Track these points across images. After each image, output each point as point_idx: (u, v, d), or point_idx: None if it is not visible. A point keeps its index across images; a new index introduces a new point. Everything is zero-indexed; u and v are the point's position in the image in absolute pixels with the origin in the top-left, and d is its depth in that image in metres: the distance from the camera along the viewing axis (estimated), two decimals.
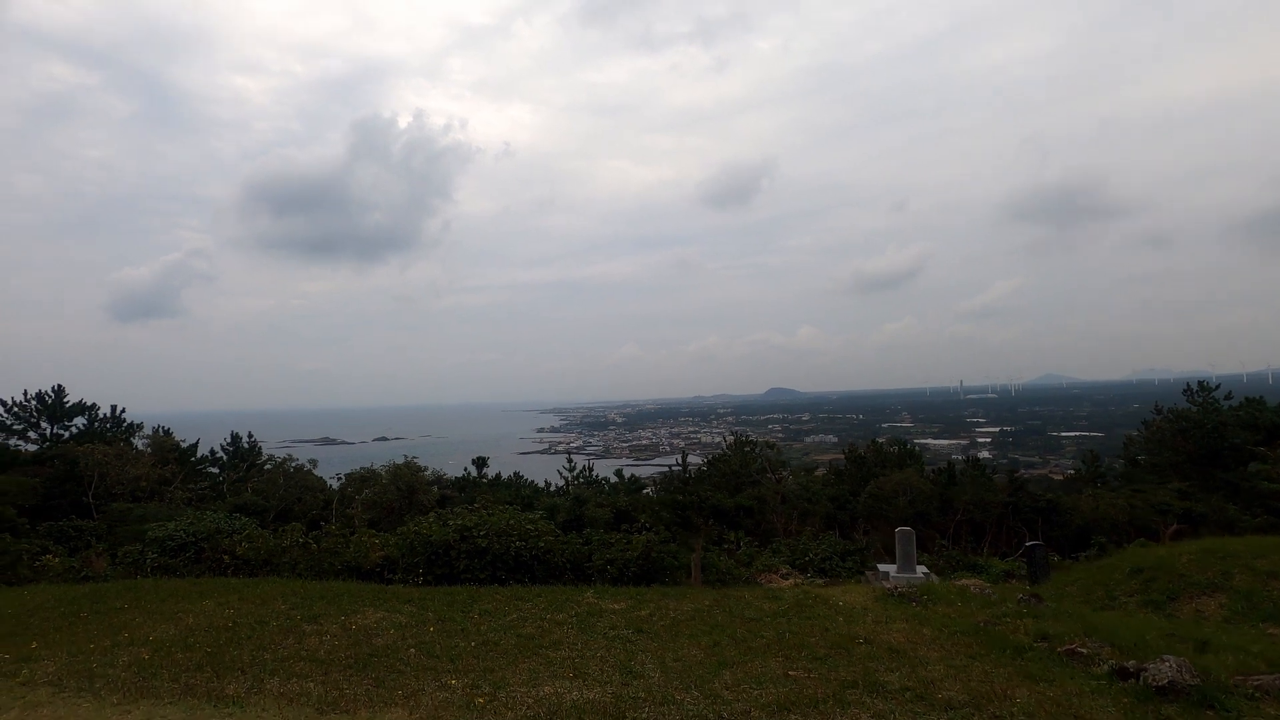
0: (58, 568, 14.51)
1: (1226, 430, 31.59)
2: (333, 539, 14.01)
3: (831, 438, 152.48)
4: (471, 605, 8.40)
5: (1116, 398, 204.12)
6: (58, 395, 26.84)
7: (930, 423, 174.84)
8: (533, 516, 14.48)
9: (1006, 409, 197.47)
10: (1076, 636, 5.48)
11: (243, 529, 14.92)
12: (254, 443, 34.24)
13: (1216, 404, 34.89)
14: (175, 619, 8.30)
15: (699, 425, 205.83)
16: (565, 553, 13.95)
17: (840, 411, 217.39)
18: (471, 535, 13.14)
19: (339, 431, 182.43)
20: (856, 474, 35.82)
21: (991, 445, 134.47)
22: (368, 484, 26.58)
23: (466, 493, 27.78)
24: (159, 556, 13.94)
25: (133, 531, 18.75)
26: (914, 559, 10.92)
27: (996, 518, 25.75)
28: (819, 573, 16.27)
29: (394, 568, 13.38)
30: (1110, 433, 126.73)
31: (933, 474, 32.60)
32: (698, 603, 8.27)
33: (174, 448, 27.66)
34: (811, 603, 8.04)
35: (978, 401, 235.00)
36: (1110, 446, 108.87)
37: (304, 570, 13.26)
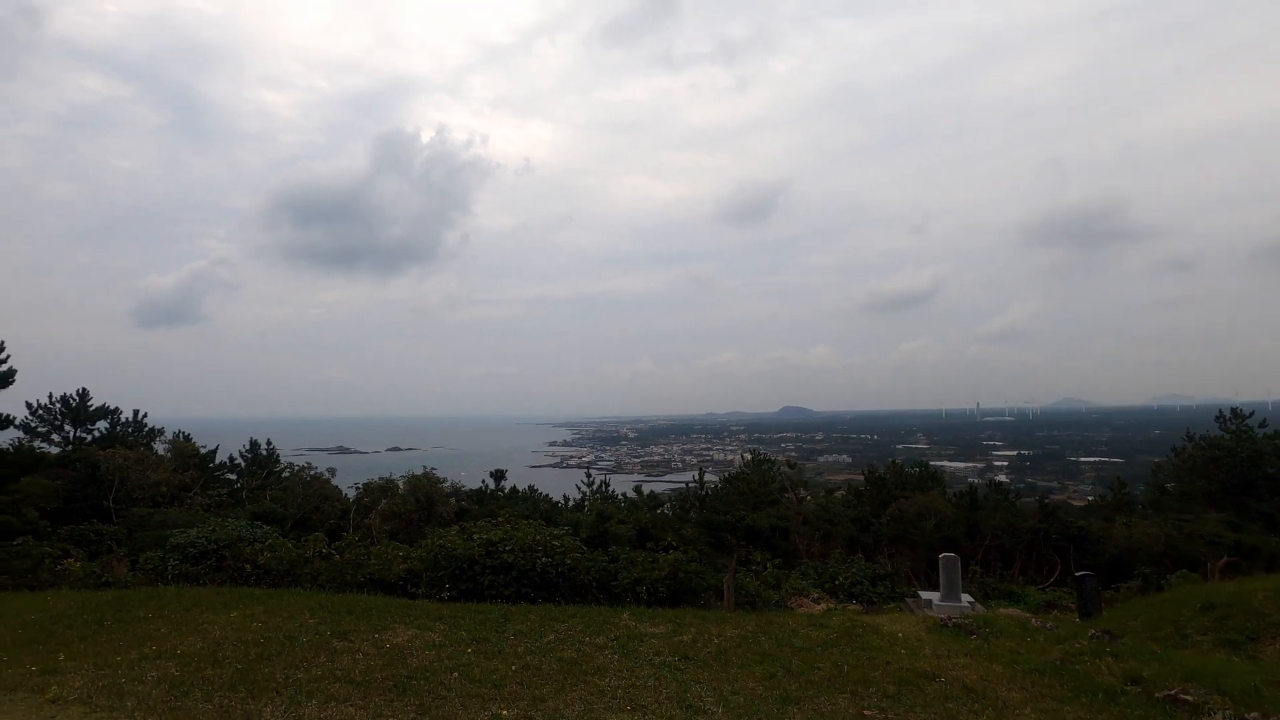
0: (79, 572, 14.37)
1: (1263, 459, 30.72)
2: (355, 550, 13.77)
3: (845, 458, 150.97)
4: (505, 625, 8.08)
5: (1137, 423, 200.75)
6: (82, 399, 26.98)
7: (946, 445, 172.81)
8: (558, 532, 14.18)
9: (1024, 432, 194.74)
10: (1174, 681, 5.06)
11: (264, 538, 14.72)
12: (272, 450, 34.22)
13: (1250, 432, 33.99)
14: (201, 631, 8.06)
15: (712, 442, 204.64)
16: (591, 570, 13.62)
17: (854, 431, 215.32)
18: (497, 550, 12.85)
19: (353, 441, 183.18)
20: (876, 495, 35.14)
21: (1009, 469, 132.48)
22: (385, 494, 26.40)
23: (484, 505, 27.50)
24: (181, 564, 13.76)
25: (153, 537, 18.63)
26: (959, 587, 10.49)
27: (1026, 544, 25.07)
28: (849, 597, 15.81)
29: (417, 581, 13.11)
30: (1131, 459, 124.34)
31: (954, 497, 31.91)
32: (740, 628, 7.91)
33: (194, 453, 27.65)
34: (861, 632, 7.66)
35: (995, 424, 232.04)
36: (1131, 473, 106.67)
37: (326, 581, 13.03)
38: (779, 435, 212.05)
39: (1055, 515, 25.74)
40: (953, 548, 26.18)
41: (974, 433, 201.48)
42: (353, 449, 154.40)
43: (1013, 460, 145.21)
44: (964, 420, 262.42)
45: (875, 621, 8.39)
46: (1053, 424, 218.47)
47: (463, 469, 27.65)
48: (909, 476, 36.51)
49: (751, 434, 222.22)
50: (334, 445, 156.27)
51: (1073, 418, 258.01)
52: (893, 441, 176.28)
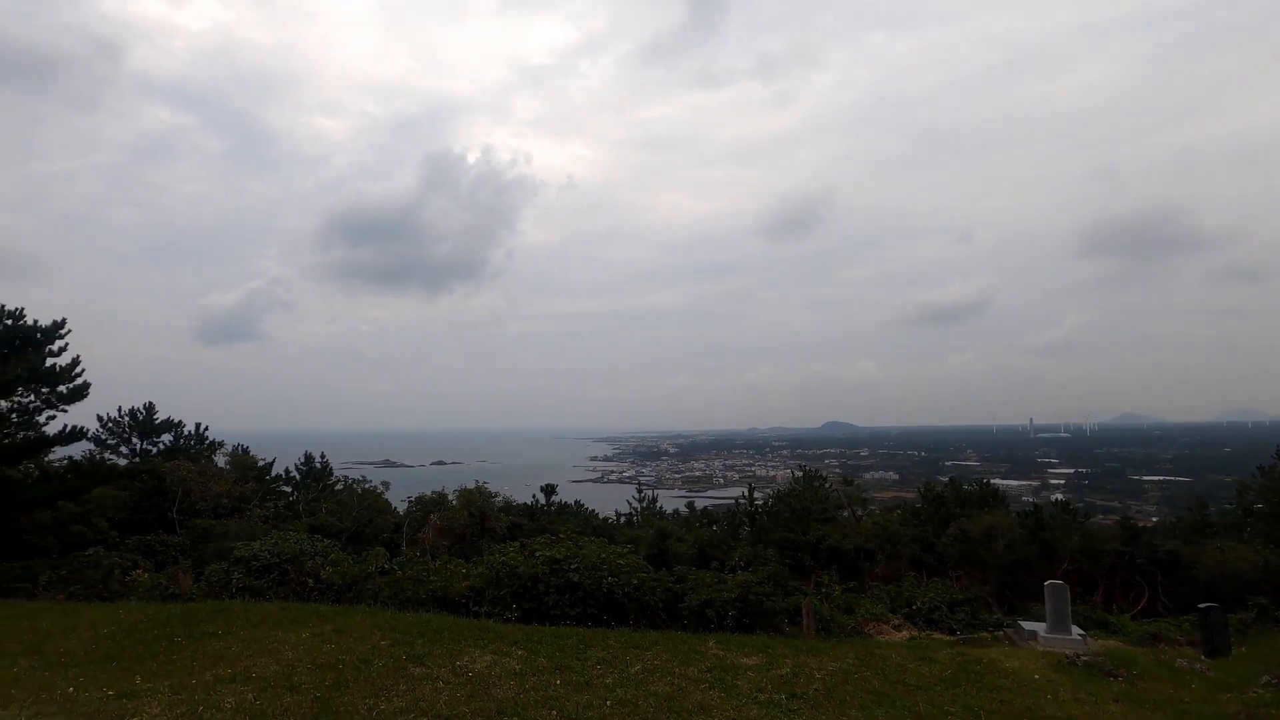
0: (146, 584, 14.43)
1: None
2: (416, 567, 13.50)
3: (892, 474, 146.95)
4: (585, 651, 7.59)
5: (1205, 440, 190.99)
6: (148, 412, 27.70)
7: (998, 462, 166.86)
8: (621, 550, 13.66)
9: (1081, 449, 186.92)
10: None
11: (325, 552, 14.59)
12: (325, 463, 34.64)
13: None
14: (273, 652, 7.77)
15: (753, 458, 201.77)
16: (657, 591, 13.06)
17: (900, 448, 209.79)
18: (562, 569, 12.41)
19: (399, 454, 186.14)
20: (935, 514, 33.61)
21: (1065, 487, 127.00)
22: (437, 508, 26.29)
23: (535, 520, 27.18)
24: (244, 577, 13.69)
25: (215, 549, 18.79)
26: (1069, 618, 9.59)
27: (1108, 569, 23.50)
28: (928, 624, 14.85)
29: (480, 599, 12.74)
30: (1199, 478, 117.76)
31: (1017, 517, 30.34)
32: (839, 660, 7.25)
33: (253, 466, 28.09)
34: (979, 669, 6.93)
35: (1049, 440, 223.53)
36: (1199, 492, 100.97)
37: (388, 598, 12.76)
38: (822, 451, 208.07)
39: (1140, 538, 24.11)
40: (1026, 570, 24.78)
41: (1027, 449, 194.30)
42: (398, 463, 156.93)
43: (1069, 478, 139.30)
44: (1016, 436, 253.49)
45: (987, 656, 7.64)
46: (1112, 440, 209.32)
47: (505, 483, 27.49)
48: (968, 494, 34.89)
49: (794, 450, 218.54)
50: (380, 459, 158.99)
51: (1134, 434, 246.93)
52: (941, 458, 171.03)
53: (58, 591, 14.70)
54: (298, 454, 35.21)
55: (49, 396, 17.65)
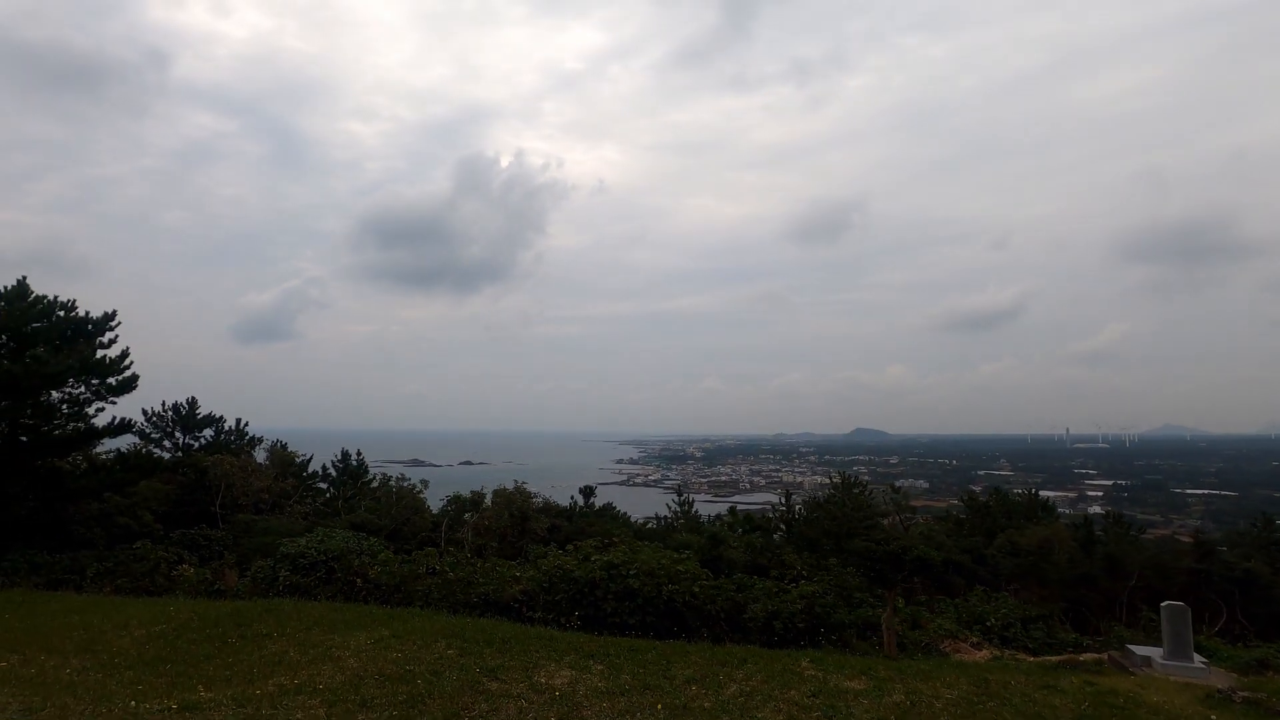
0: (192, 579, 14.17)
1: None
2: (467, 568, 13.00)
3: (923, 483, 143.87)
4: (668, 668, 6.95)
5: (1252, 453, 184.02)
6: (191, 407, 27.81)
7: (1033, 472, 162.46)
8: (678, 556, 13.03)
9: (1120, 460, 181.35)
10: None
11: (372, 550, 14.19)
12: (361, 460, 34.53)
13: None
14: (333, 658, 7.27)
15: (781, 464, 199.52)
16: (718, 600, 12.41)
17: (931, 455, 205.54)
18: (620, 574, 11.81)
19: (428, 454, 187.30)
20: (981, 524, 32.35)
21: (1104, 499, 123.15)
22: (474, 508, 25.90)
23: (574, 522, 26.65)
24: (291, 574, 13.32)
25: (257, 544, 18.57)
26: (1190, 644, 8.69)
27: (1181, 587, 22.19)
28: (1002, 642, 13.94)
29: (533, 604, 12.19)
30: (1246, 492, 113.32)
31: (1068, 530, 29.01)
32: (953, 687, 6.51)
33: (292, 462, 28.02)
34: (1120, 704, 6.16)
35: (1087, 451, 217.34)
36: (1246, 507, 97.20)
37: (437, 600, 12.28)
38: (851, 458, 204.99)
39: (1215, 555, 22.77)
40: (1088, 586, 23.55)
41: (1063, 459, 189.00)
42: (427, 462, 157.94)
43: (1108, 490, 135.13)
44: (1052, 446, 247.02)
45: (1118, 686, 6.83)
46: (1153, 452, 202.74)
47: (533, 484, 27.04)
48: (1015, 504, 33.60)
49: (821, 456, 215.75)
50: (409, 458, 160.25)
51: (1176, 445, 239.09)
52: (973, 467, 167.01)
53: (105, 584, 14.52)
54: (330, 451, 35.18)
55: (99, 388, 17.59)
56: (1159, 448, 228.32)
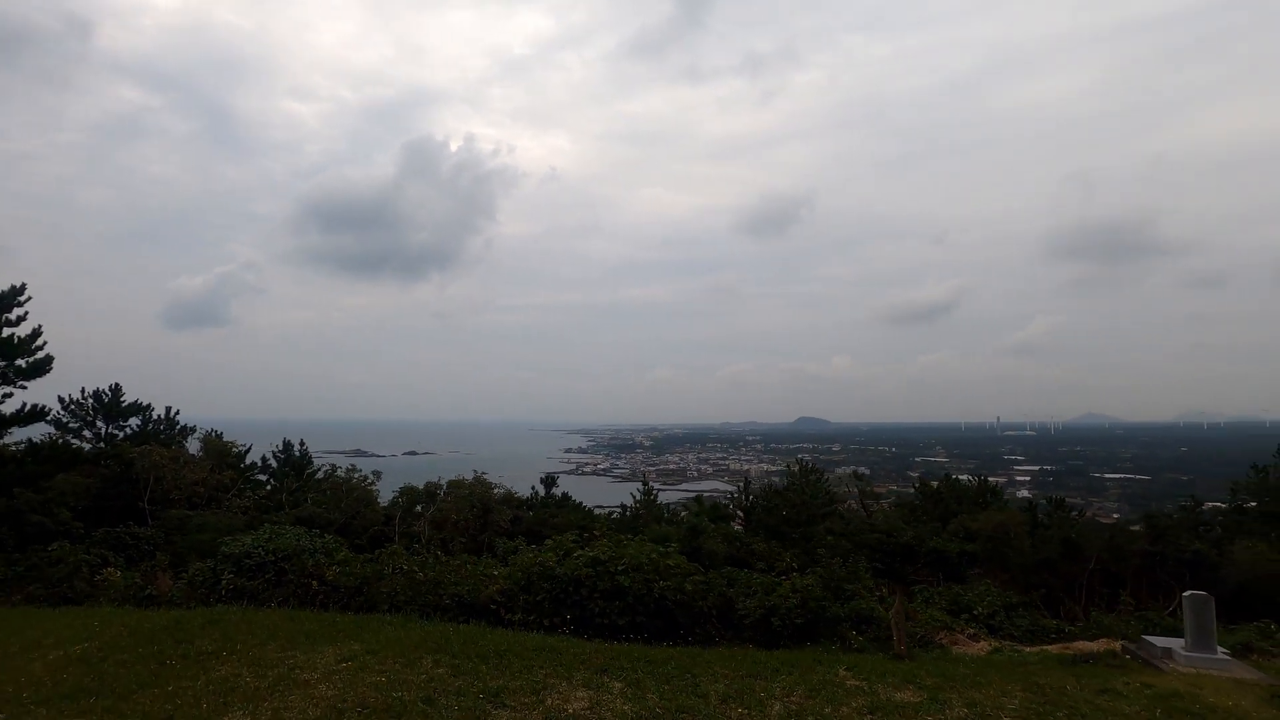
0: (119, 585, 12.60)
1: None
2: (439, 567, 11.87)
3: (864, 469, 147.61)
4: (694, 682, 6.13)
5: (1163, 440, 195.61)
6: (114, 394, 25.40)
7: (966, 458, 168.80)
8: (665, 550, 12.23)
9: (1046, 447, 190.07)
10: None
11: (329, 549, 12.89)
12: (305, 451, 32.55)
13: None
14: (299, 683, 6.18)
15: (728, 452, 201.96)
16: (709, 597, 11.69)
17: (871, 443, 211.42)
18: (607, 571, 10.93)
19: (370, 444, 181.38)
20: (934, 510, 32.77)
21: (1031, 484, 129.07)
22: (430, 500, 24.53)
23: (537, 513, 25.59)
24: (235, 577, 11.95)
25: (193, 542, 16.90)
26: (1213, 635, 8.40)
27: (1135, 569, 22.75)
28: (990, 630, 13.71)
29: (512, 605, 11.20)
30: (1157, 476, 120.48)
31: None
32: (1010, 696, 5.95)
33: (229, 453, 25.98)
34: (1184, 707, 5.67)
35: (1015, 439, 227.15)
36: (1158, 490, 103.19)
37: (404, 603, 11.16)
38: (795, 446, 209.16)
39: (1167, 536, 23.39)
40: (1051, 571, 23.95)
41: (994, 447, 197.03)
42: (370, 452, 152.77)
43: (1035, 475, 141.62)
44: (984, 434, 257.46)
45: (1173, 687, 6.38)
46: (1075, 439, 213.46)
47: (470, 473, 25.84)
48: (965, 490, 34.17)
49: (767, 444, 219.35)
50: (351, 448, 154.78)
51: (1096, 433, 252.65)
52: (911, 454, 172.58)
53: (13, 592, 12.80)
54: (269, 441, 33.01)
55: (5, 370, 15.58)
56: (1081, 435, 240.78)
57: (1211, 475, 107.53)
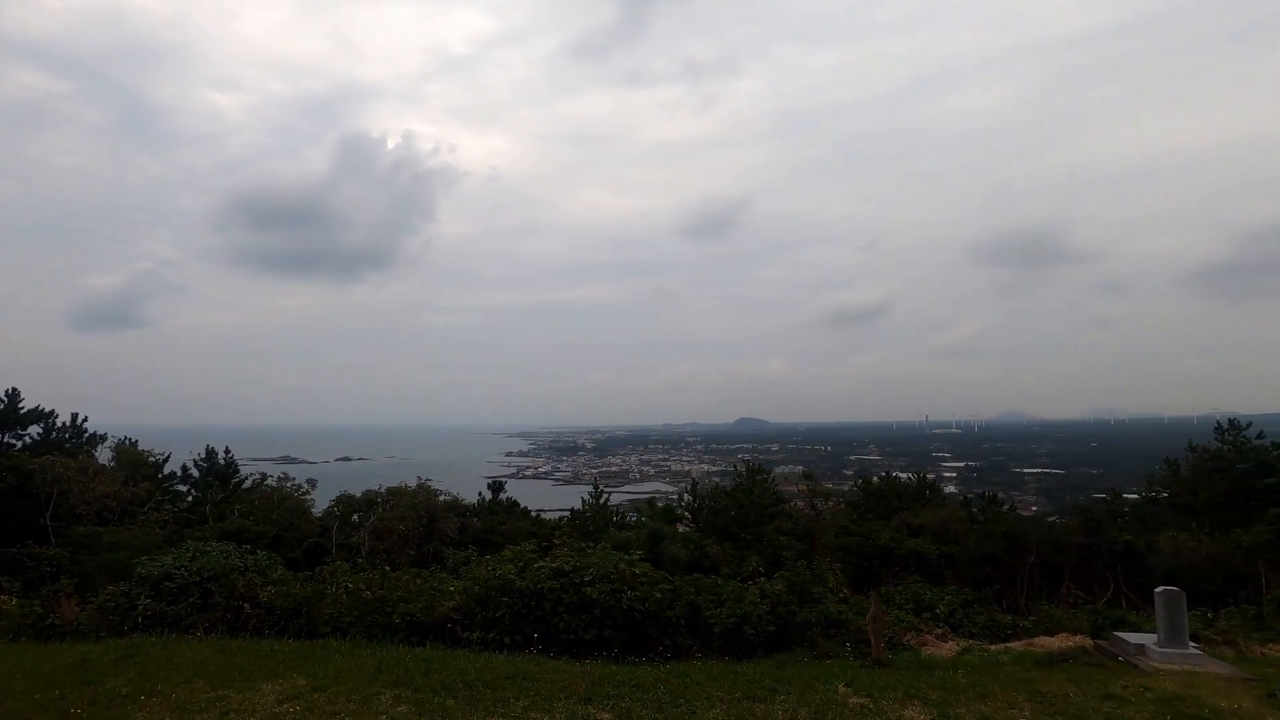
0: (14, 614, 11.14)
1: (1275, 470, 30.23)
2: (386, 583, 10.95)
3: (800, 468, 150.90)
4: (692, 710, 5.64)
5: (1075, 436, 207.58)
6: (11, 399, 22.98)
7: (897, 456, 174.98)
8: (630, 558, 11.66)
9: (970, 444, 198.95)
10: None
11: (262, 567, 11.76)
12: (231, 459, 30.45)
13: (1249, 444, 33.59)
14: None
15: (669, 453, 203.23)
16: (677, 606, 11.19)
17: (808, 442, 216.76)
18: (573, 583, 10.28)
19: (300, 450, 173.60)
20: (876, 508, 33.36)
21: (957, 480, 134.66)
22: (369, 509, 23.20)
23: (484, 520, 24.60)
24: (153, 602, 10.71)
25: (104, 563, 15.29)
26: (1185, 630, 8.47)
27: (1074, 561, 23.57)
28: (951, 628, 13.71)
29: (469, 623, 10.41)
30: (1070, 470, 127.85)
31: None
32: (1016, 707, 5.68)
33: (145, 463, 23.90)
34: (1191, 713, 5.50)
35: (942, 436, 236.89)
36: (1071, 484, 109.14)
37: (350, 624, 10.22)
38: (735, 446, 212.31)
39: (1100, 529, 24.34)
40: (994, 565, 24.57)
41: (923, 444, 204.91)
42: (299, 459, 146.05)
43: (961, 471, 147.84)
44: (913, 432, 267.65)
45: (1167, 688, 6.25)
46: (997, 436, 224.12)
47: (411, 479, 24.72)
48: (905, 487, 34.97)
49: (708, 445, 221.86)
50: (279, 455, 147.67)
51: (1015, 430, 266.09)
52: (846, 453, 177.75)
53: None
54: (189, 449, 30.76)
55: None
56: (1001, 432, 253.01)
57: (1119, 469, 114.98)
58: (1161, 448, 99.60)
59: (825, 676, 6.51)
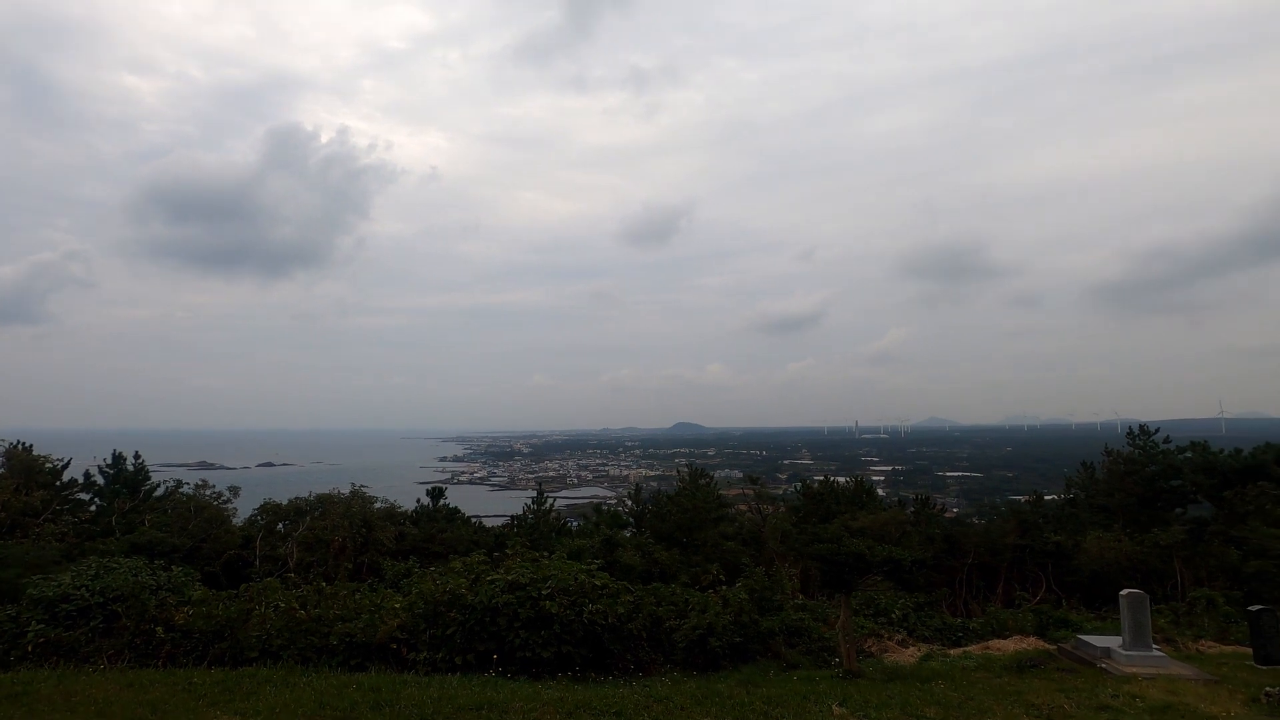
0: None
1: (1182, 473, 32.10)
2: (325, 600, 9.98)
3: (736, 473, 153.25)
4: None
5: (992, 441, 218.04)
6: None
7: (828, 460, 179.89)
8: (589, 567, 11.05)
9: (897, 449, 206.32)
10: None
11: (178, 584, 10.56)
12: (141, 465, 28.04)
13: (1157, 448, 35.62)
14: None
15: (607, 458, 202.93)
16: (638, 618, 10.65)
17: (744, 447, 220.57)
18: (530, 596, 9.59)
19: (220, 455, 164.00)
20: (816, 511, 33.77)
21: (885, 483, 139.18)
22: (298, 518, 21.69)
23: (423, 527, 23.39)
24: (48, 627, 9.43)
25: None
26: (1149, 632, 8.52)
27: (1008, 562, 24.33)
28: (907, 633, 13.69)
29: (416, 642, 9.58)
30: (988, 473, 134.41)
31: None
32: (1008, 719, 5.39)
33: (41, 469, 21.61)
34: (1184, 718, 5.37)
35: (871, 441, 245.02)
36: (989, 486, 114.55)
37: (281, 647, 9.24)
38: (673, 451, 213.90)
39: (1033, 530, 25.21)
40: (934, 567, 25.10)
41: (853, 449, 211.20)
42: (217, 464, 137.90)
43: (888, 475, 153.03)
44: (844, 437, 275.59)
45: (1156, 697, 6.16)
46: (921, 441, 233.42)
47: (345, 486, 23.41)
48: (843, 491, 35.56)
49: (646, 450, 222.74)
50: (195, 460, 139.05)
51: (939, 435, 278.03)
52: (780, 457, 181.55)
53: None
54: (93, 454, 28.18)
55: None
56: (926, 437, 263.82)
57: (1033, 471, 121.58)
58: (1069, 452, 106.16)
59: (814, 695, 6.14)
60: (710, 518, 31.39)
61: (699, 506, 32.13)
